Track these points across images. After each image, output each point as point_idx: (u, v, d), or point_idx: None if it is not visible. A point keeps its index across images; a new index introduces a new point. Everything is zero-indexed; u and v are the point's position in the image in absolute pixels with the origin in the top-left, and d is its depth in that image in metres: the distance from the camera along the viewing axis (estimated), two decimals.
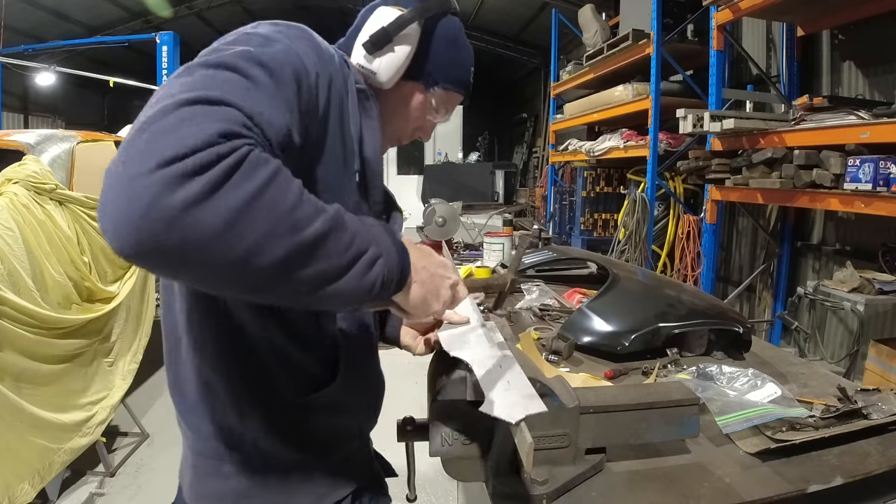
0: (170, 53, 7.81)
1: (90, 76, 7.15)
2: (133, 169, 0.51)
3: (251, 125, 0.59)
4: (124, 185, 0.51)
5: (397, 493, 1.10)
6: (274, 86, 0.65)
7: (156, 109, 0.56)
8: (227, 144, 0.54)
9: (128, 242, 0.51)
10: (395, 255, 0.68)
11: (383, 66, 0.88)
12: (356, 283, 0.63)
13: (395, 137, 1.00)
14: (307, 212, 0.59)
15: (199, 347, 0.82)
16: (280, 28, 0.74)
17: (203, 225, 0.51)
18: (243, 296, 0.63)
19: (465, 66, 0.99)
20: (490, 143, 14.60)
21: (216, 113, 0.56)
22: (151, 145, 0.52)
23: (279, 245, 0.56)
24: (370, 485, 0.96)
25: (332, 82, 0.76)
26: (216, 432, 0.83)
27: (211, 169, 0.52)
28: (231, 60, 0.64)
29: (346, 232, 0.62)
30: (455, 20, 0.97)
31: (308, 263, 0.59)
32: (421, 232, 3.38)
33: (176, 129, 0.53)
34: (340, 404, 0.88)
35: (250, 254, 0.54)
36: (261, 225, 0.54)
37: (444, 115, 1.01)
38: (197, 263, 0.54)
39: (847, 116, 2.79)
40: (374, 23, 0.89)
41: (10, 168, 2.31)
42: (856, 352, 2.85)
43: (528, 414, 0.70)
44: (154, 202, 0.50)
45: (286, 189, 0.58)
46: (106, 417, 2.51)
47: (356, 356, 0.91)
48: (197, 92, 0.57)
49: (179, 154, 0.51)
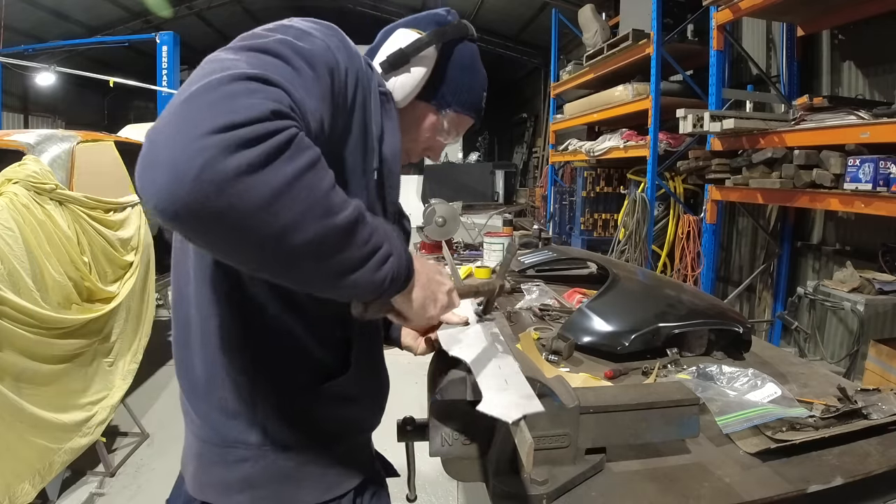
0: (170, 53, 7.82)
1: (90, 76, 7.15)
2: (189, 130, 0.52)
3: (296, 109, 0.61)
4: (179, 144, 0.51)
5: (397, 494, 1.10)
6: (313, 77, 0.67)
7: (208, 80, 0.56)
8: (278, 122, 0.56)
9: (175, 202, 0.51)
10: (403, 255, 0.72)
11: (398, 86, 0.91)
12: (370, 276, 0.66)
13: (404, 155, 1.02)
14: (339, 200, 0.61)
15: (213, 333, 0.82)
16: (314, 24, 0.76)
17: (251, 194, 0.53)
18: (268, 271, 0.63)
19: (478, 92, 1.01)
20: (490, 143, 14.61)
21: (269, 92, 0.58)
22: (209, 111, 0.53)
23: (313, 226, 0.58)
24: (372, 480, 0.96)
25: (359, 79, 0.78)
26: (225, 419, 0.83)
27: (265, 142, 0.54)
28: (275, 47, 0.66)
29: (368, 226, 0.65)
30: (472, 46, 1.00)
31: (335, 248, 0.61)
32: (421, 232, 3.38)
33: (232, 99, 0.55)
34: (350, 396, 0.89)
35: (287, 229, 0.56)
36: (301, 203, 0.56)
37: (455, 137, 1.03)
38: (236, 231, 0.55)
39: (847, 116, 2.79)
40: (392, 44, 0.92)
41: (10, 168, 2.31)
42: (856, 352, 2.85)
43: (525, 414, 0.70)
44: (208, 165, 0.51)
45: (324, 175, 0.60)
46: (106, 417, 2.51)
47: (367, 349, 0.92)
48: (250, 69, 0.59)
49: (237, 122, 0.53)
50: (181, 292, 0.87)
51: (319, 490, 0.86)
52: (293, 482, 0.84)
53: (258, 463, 0.83)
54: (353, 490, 0.90)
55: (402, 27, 0.94)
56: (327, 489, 0.87)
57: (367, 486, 0.94)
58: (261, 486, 0.83)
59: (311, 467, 0.86)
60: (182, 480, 0.92)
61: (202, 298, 0.83)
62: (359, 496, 0.91)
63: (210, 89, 0.55)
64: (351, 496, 0.90)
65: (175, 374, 0.91)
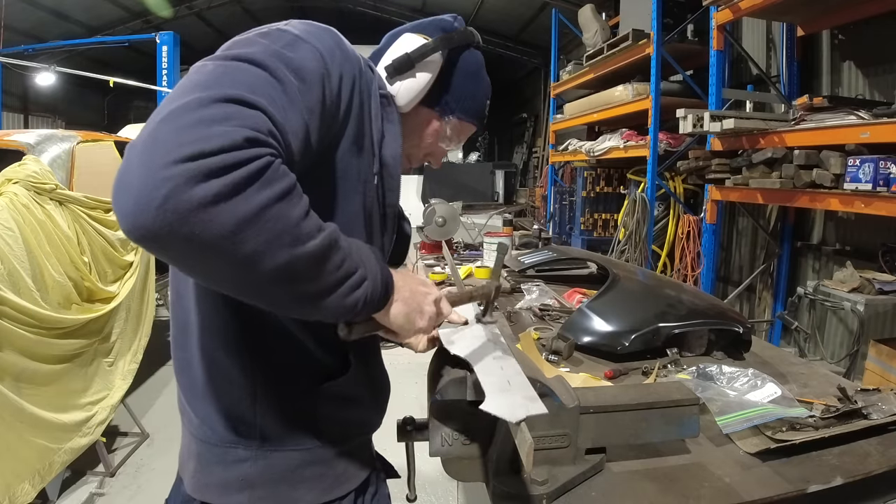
0: (170, 53, 7.82)
1: (90, 76, 7.15)
2: (158, 157, 0.53)
3: (276, 133, 0.62)
4: (146, 171, 0.53)
5: (397, 493, 1.10)
6: (301, 88, 0.67)
7: (189, 98, 0.57)
8: (251, 151, 0.56)
9: (139, 226, 0.53)
10: (379, 277, 0.73)
11: (402, 91, 0.91)
12: (340, 302, 0.68)
13: (406, 160, 1.02)
14: (310, 228, 0.62)
15: (212, 335, 0.83)
16: (309, 28, 0.76)
17: (214, 224, 0.54)
18: (236, 295, 0.66)
19: (481, 100, 1.01)
20: (490, 143, 14.61)
21: (247, 117, 0.58)
22: (180, 136, 0.54)
23: (280, 255, 0.59)
24: (373, 481, 0.96)
25: (355, 83, 0.78)
26: (225, 419, 0.84)
27: (234, 171, 0.55)
28: (263, 58, 0.66)
29: (340, 252, 0.66)
30: (477, 54, 1.00)
31: (302, 277, 0.62)
32: (421, 232, 3.38)
33: (206, 125, 0.55)
34: (350, 397, 0.89)
35: (253, 257, 0.57)
36: (267, 233, 0.57)
37: (457, 143, 1.03)
38: (200, 258, 0.57)
39: (847, 116, 2.79)
40: (398, 48, 0.92)
41: (10, 168, 2.31)
42: (856, 352, 2.85)
43: (529, 415, 0.70)
44: (172, 194, 0.52)
45: (296, 204, 0.61)
46: (106, 417, 2.51)
47: (366, 350, 0.92)
48: (230, 90, 0.59)
49: (205, 151, 0.54)
50: (179, 293, 0.87)
51: (319, 491, 0.86)
52: (292, 483, 0.84)
53: (257, 463, 0.83)
54: (354, 491, 0.90)
55: (408, 32, 0.94)
56: (327, 490, 0.87)
57: (368, 487, 0.94)
58: (259, 486, 0.83)
59: (310, 468, 0.86)
60: (180, 481, 0.92)
61: (200, 300, 0.83)
62: (359, 497, 0.91)
63: (187, 111, 0.56)
64: (352, 497, 0.90)
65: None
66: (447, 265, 2.76)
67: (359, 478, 0.91)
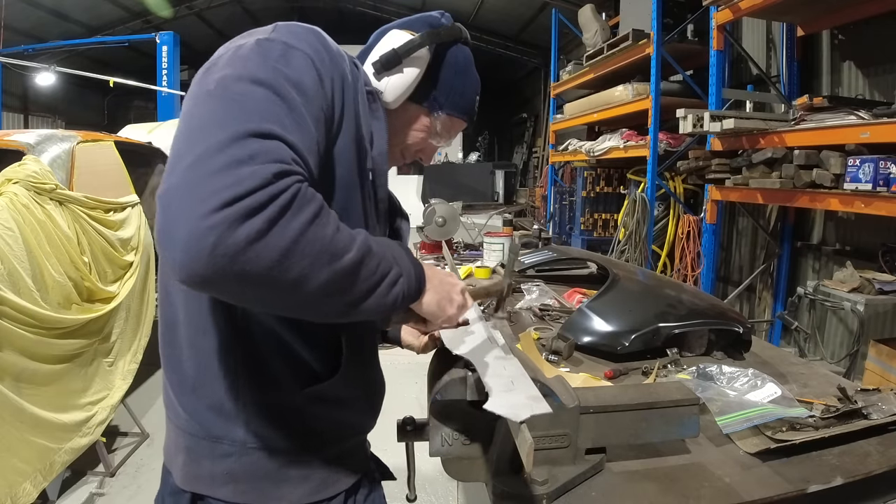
0: (170, 53, 7.83)
1: (90, 76, 7.16)
2: (198, 208, 0.56)
3: (297, 158, 0.65)
4: (189, 222, 0.56)
5: (397, 494, 1.10)
6: (305, 104, 0.70)
7: (211, 142, 0.60)
8: (280, 184, 0.60)
9: (195, 275, 0.57)
10: (413, 271, 0.76)
11: (390, 87, 0.91)
12: (381, 301, 0.71)
13: (396, 157, 1.02)
14: (344, 241, 0.66)
15: (199, 333, 0.83)
16: (294, 30, 0.77)
17: (260, 259, 0.58)
18: (290, 313, 0.71)
19: (470, 95, 1.01)
20: (490, 143, 14.62)
21: (269, 151, 0.61)
22: (213, 183, 0.57)
23: (322, 273, 0.63)
24: (366, 483, 0.96)
25: (345, 83, 0.79)
26: (211, 415, 0.84)
27: (268, 207, 0.58)
28: (264, 77, 0.68)
29: (374, 257, 0.70)
30: (466, 50, 1.00)
31: (345, 287, 0.67)
32: (421, 232, 3.38)
33: (235, 167, 0.58)
34: (340, 398, 0.89)
35: (299, 281, 0.61)
36: (308, 256, 0.61)
37: (447, 139, 1.03)
38: (253, 289, 0.61)
39: (847, 116, 2.79)
40: (385, 44, 0.92)
41: (10, 168, 2.31)
42: (856, 352, 2.85)
43: (533, 414, 0.70)
44: (219, 241, 0.56)
45: (327, 221, 0.64)
46: (106, 417, 2.51)
47: (359, 351, 0.91)
48: (247, 124, 0.62)
49: (239, 195, 0.57)
50: (168, 290, 0.87)
51: (305, 491, 0.86)
52: (275, 481, 0.85)
53: (241, 459, 0.84)
54: (344, 493, 0.90)
55: (395, 28, 0.94)
56: (314, 491, 0.87)
57: (360, 489, 0.93)
58: (243, 481, 0.84)
59: (295, 468, 0.85)
60: (167, 473, 0.93)
61: (188, 298, 0.83)
62: (350, 499, 0.90)
63: (212, 155, 0.59)
64: (341, 498, 0.89)
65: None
66: (447, 265, 2.76)
67: (349, 480, 0.91)
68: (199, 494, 0.86)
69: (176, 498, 0.88)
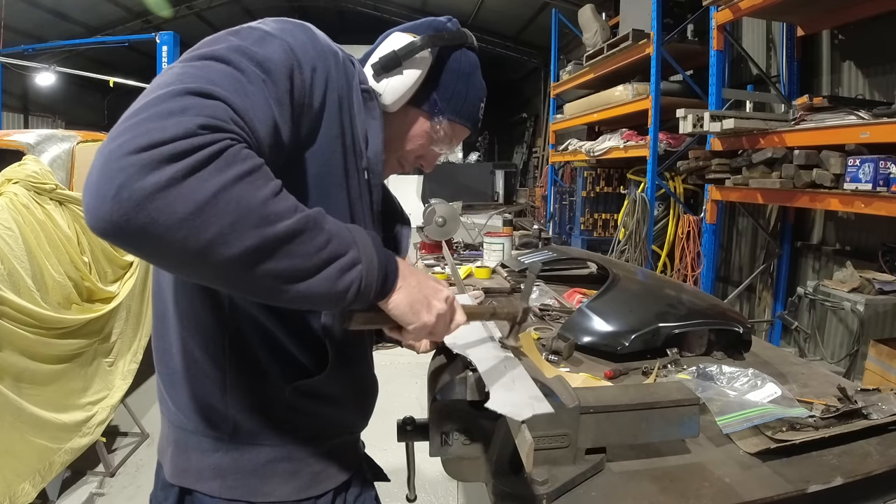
0: (170, 53, 7.82)
1: (90, 76, 7.16)
2: (114, 151, 0.54)
3: (238, 120, 0.61)
4: (103, 165, 0.54)
5: (397, 493, 1.10)
6: (266, 81, 0.67)
7: (150, 98, 0.58)
8: (206, 136, 0.56)
9: (99, 218, 0.54)
10: (377, 262, 0.70)
11: (389, 89, 0.89)
12: (329, 286, 0.65)
13: (396, 163, 1.00)
14: (279, 209, 0.60)
15: (187, 323, 0.83)
16: (282, 25, 0.76)
17: (170, 209, 0.54)
18: (208, 283, 0.65)
19: (474, 101, 0.98)
20: (490, 143, 14.60)
21: (204, 106, 0.59)
22: (135, 130, 0.55)
23: (246, 237, 0.58)
24: (356, 482, 0.95)
25: (330, 77, 0.78)
26: (199, 409, 0.84)
27: (185, 158, 0.55)
28: (226, 54, 0.66)
29: (322, 233, 0.64)
30: (471, 55, 0.97)
31: (273, 258, 0.60)
32: (421, 232, 3.38)
33: (162, 117, 0.56)
34: (328, 396, 0.88)
35: (214, 242, 0.56)
36: (229, 215, 0.56)
37: (449, 147, 1.00)
38: (162, 246, 0.56)
39: (847, 116, 2.79)
40: (386, 47, 0.91)
41: (10, 168, 2.31)
42: (856, 352, 2.85)
43: (535, 413, 0.70)
44: (125, 183, 0.53)
45: (261, 185, 0.59)
46: (106, 417, 2.51)
47: (349, 348, 0.89)
48: (190, 83, 0.60)
49: (158, 141, 0.54)
50: (160, 284, 0.87)
51: (292, 487, 0.86)
52: (262, 477, 0.84)
53: (228, 454, 0.84)
54: (333, 491, 0.89)
55: (398, 31, 0.93)
56: (302, 488, 0.86)
57: (350, 488, 0.92)
58: (230, 476, 0.84)
59: (283, 464, 0.85)
60: (160, 467, 0.93)
61: (177, 291, 0.83)
62: (338, 497, 0.90)
63: (148, 107, 0.57)
64: (329, 497, 0.89)
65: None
66: (447, 265, 2.76)
67: (339, 478, 0.90)
68: (186, 489, 0.86)
69: (166, 492, 0.89)
